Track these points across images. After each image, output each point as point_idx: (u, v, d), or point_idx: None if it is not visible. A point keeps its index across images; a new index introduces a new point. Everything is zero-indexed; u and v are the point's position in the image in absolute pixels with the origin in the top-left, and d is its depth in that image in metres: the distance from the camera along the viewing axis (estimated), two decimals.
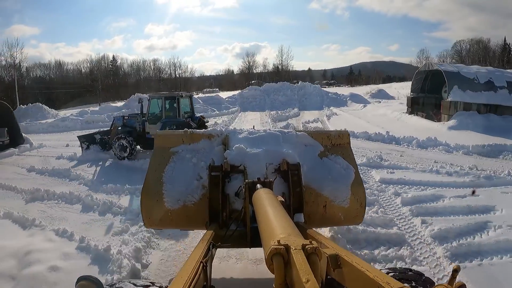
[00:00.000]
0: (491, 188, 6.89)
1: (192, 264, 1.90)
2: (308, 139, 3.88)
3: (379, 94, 36.23)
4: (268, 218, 1.80)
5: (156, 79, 64.87)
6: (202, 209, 3.29)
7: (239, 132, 3.92)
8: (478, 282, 3.60)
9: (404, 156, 9.67)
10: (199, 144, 3.79)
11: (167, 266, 4.05)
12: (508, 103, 17.23)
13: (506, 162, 9.70)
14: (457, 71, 17.31)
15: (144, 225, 3.64)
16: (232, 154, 3.47)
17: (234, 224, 2.86)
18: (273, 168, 3.45)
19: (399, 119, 17.98)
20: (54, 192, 6.36)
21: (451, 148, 10.80)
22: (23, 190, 6.82)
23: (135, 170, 8.35)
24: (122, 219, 5.14)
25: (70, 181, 7.45)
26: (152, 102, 10.16)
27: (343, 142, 3.95)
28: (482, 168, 8.53)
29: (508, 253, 4.28)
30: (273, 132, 3.92)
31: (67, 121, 17.92)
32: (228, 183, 3.33)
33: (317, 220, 3.49)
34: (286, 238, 1.35)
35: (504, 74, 19.79)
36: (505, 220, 5.19)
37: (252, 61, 68.93)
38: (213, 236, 2.58)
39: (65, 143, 12.35)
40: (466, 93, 16.70)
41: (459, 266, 1.47)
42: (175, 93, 10.37)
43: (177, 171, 3.57)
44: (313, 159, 3.75)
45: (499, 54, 56.91)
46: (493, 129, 14.52)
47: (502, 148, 11.00)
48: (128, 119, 10.28)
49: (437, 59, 61.64)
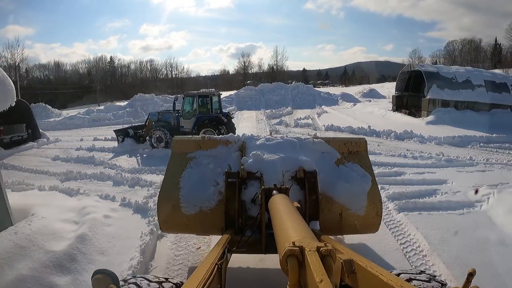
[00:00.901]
0: (449, 168, 8.31)
1: (207, 266, 1.94)
2: (325, 146, 3.89)
3: (370, 94, 37.55)
4: (284, 221, 1.82)
5: (153, 79, 65.96)
6: (218, 215, 3.32)
7: (256, 139, 3.97)
8: (417, 223, 4.96)
9: (381, 146, 11.11)
10: (216, 150, 3.85)
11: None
12: (485, 100, 18.72)
13: (472, 150, 11.13)
14: (437, 71, 18.81)
15: (160, 229, 3.73)
16: (249, 161, 3.50)
17: (249, 230, 2.86)
18: (290, 175, 3.47)
19: (384, 116, 19.43)
20: (85, 173, 7.61)
21: (424, 139, 12.24)
22: (56, 173, 8.03)
23: (161, 158, 9.35)
24: (150, 189, 6.41)
25: (95, 166, 8.68)
26: (186, 100, 11.49)
27: (360, 149, 3.95)
28: (447, 155, 9.94)
29: (447, 209, 5.64)
30: (290, 139, 3.96)
31: (75, 119, 19.09)
32: (244, 189, 3.35)
33: (332, 228, 3.48)
34: (301, 240, 1.36)
35: (482, 73, 21.34)
36: (452, 188, 6.60)
37: (248, 61, 70.48)
38: (228, 241, 2.63)
39: (79, 138, 13.55)
40: (444, 92, 18.19)
41: (474, 269, 1.47)
42: (208, 92, 11.80)
43: (194, 176, 3.62)
44: (330, 166, 3.75)
45: (490, 54, 58.20)
46: (468, 124, 15.92)
47: (471, 139, 12.45)
48: (162, 115, 11.61)
49: (430, 59, 62.74)
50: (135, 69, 66.80)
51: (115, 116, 20.18)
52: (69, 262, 3.52)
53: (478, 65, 52.76)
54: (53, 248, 3.62)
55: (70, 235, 3.97)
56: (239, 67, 71.13)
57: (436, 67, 20.28)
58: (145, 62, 68.31)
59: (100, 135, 13.84)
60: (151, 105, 22.55)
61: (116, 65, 64.43)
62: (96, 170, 8.03)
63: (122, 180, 6.93)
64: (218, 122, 10.73)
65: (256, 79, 60.47)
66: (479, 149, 11.43)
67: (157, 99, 24.16)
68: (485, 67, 48.67)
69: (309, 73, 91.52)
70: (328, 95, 30.85)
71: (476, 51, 58.79)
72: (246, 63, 70.22)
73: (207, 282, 1.75)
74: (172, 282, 2.12)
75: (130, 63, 66.89)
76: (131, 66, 66.29)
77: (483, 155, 10.31)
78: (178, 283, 2.14)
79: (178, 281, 2.18)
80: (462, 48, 60.51)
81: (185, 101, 11.45)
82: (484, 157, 9.96)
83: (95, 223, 4.43)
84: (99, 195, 5.81)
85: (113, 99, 43.58)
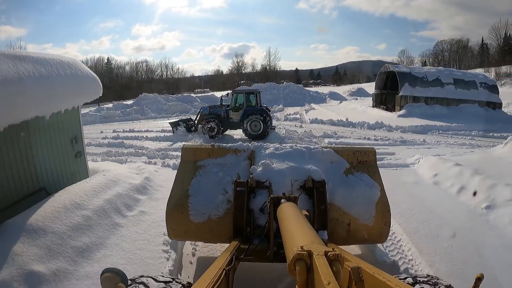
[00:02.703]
0: (401, 146, 10.78)
1: (215, 270, 1.98)
2: (333, 155, 3.90)
3: (358, 92, 40.29)
4: (292, 227, 1.86)
5: (148, 80, 67.83)
6: (227, 224, 3.34)
7: (265, 148, 3.98)
8: None
9: (354, 133, 13.58)
10: (225, 158, 3.88)
11: None
12: (453, 96, 21.38)
13: (429, 136, 13.62)
14: (409, 72, 21.39)
15: (168, 236, 3.71)
16: (258, 170, 3.53)
17: (257, 238, 2.86)
18: (298, 184, 3.48)
19: (364, 112, 21.95)
20: (122, 152, 9.82)
21: (392, 129, 14.73)
22: (94, 153, 10.14)
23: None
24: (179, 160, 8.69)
25: (126, 148, 10.86)
26: (235, 96, 13.81)
27: (369, 159, 3.95)
28: (407, 139, 12.40)
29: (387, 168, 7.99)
30: (299, 148, 3.99)
31: (87, 116, 21.12)
32: (253, 198, 3.36)
33: (340, 238, 3.47)
34: (309, 245, 1.37)
35: (452, 72, 24.07)
36: (396, 157, 9.03)
37: (241, 61, 72.85)
38: (236, 248, 2.65)
39: (99, 131, 15.69)
40: (415, 89, 20.78)
41: (482, 274, 1.49)
42: (253, 89, 14.53)
43: (203, 184, 3.64)
44: (339, 176, 3.75)
45: (477, 53, 59.91)
46: (436, 116, 18.50)
47: (432, 128, 15.00)
48: (213, 109, 13.81)
49: (420, 58, 65.11)
50: (130, 70, 68.75)
51: (123, 113, 22.27)
52: (143, 189, 5.79)
53: (465, 64, 55.27)
54: (131, 182, 5.87)
55: (138, 178, 6.23)
56: (233, 67, 73.49)
57: (409, 67, 22.88)
58: (141, 63, 70.35)
59: (117, 129, 15.97)
60: (155, 104, 24.72)
61: (113, 66, 66.38)
62: (129, 150, 10.26)
63: (154, 156, 9.18)
64: (263, 112, 13.06)
65: (250, 79, 62.76)
66: (436, 135, 13.94)
67: (160, 98, 26.33)
68: (471, 66, 51.14)
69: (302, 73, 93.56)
70: (317, 94, 33.40)
71: (464, 51, 60.65)
72: (240, 63, 72.66)
73: (214, 286, 1.77)
74: (179, 282, 2.18)
75: (125, 64, 68.92)
76: (126, 68, 68.26)
77: (436, 138, 12.82)
78: (185, 283, 2.19)
79: (186, 282, 2.23)
80: (450, 48, 62.34)
81: (234, 97, 13.80)
82: (436, 139, 12.48)
83: (151, 173, 6.69)
84: (143, 162, 8.06)
85: (112, 99, 45.32)
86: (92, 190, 5.04)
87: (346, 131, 14.14)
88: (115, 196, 5.18)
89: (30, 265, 3.44)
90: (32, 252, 3.61)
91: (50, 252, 3.73)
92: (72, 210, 4.42)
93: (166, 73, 70.54)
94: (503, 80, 36.02)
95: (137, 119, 21.00)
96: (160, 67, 70.58)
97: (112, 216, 4.71)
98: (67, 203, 4.50)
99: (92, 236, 4.18)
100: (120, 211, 4.91)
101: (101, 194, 5.06)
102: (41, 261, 3.57)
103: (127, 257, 4.01)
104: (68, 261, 3.71)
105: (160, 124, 17.47)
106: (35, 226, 3.95)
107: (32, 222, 3.99)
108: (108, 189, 5.31)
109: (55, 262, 3.63)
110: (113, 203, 4.96)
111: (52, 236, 3.91)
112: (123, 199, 5.25)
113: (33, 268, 3.42)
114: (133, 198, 5.41)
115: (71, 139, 6.06)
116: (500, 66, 42.59)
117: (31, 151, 4.87)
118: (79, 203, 4.59)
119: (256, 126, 12.88)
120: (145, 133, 14.18)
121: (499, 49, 53.25)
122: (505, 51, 50.08)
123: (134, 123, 18.88)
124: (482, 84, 22.67)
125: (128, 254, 4.06)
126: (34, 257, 3.57)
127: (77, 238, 4.03)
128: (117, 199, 5.10)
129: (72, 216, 4.31)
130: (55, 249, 3.77)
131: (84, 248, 3.95)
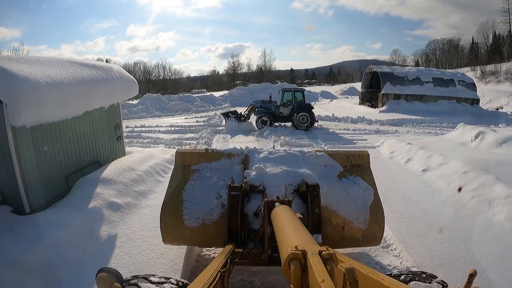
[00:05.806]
0: (375, 135, 12.90)
1: (210, 272, 1.98)
2: (327, 159, 3.92)
3: (350, 91, 42.33)
4: (286, 229, 1.88)
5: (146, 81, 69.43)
6: (221, 228, 3.35)
7: (259, 152, 3.98)
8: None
9: (337, 126, 15.71)
10: (219, 162, 3.88)
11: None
12: (432, 93, 23.61)
13: (403, 127, 15.73)
14: (391, 72, 23.61)
15: (162, 241, 3.67)
16: (252, 174, 3.53)
17: (251, 242, 2.81)
18: (292, 188, 3.48)
19: (351, 108, 24.12)
20: (142, 142, 11.81)
21: (372, 122, 16.86)
22: None
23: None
24: (192, 143, 10.72)
25: (144, 139, 12.79)
26: (285, 93, 15.70)
27: (362, 162, 3.96)
28: (381, 130, 14.50)
29: None
30: (293, 152, 3.99)
31: None
32: (247, 202, 3.37)
33: (335, 241, 3.48)
34: (303, 245, 1.38)
35: (432, 72, 26.34)
36: (367, 142, 11.14)
37: (237, 62, 74.62)
38: (231, 252, 2.66)
39: None
40: (396, 87, 23.00)
41: (475, 270, 1.53)
42: (300, 88, 16.81)
43: (197, 189, 3.65)
44: (332, 179, 3.76)
45: (467, 53, 60.47)
46: (415, 112, 20.64)
47: (406, 121, 17.17)
48: (264, 104, 15.64)
49: (413, 57, 66.63)
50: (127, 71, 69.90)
51: (130, 112, 24.12)
52: (171, 161, 7.80)
53: (456, 64, 56.75)
54: (162, 157, 7.89)
55: (166, 154, 8.24)
56: (229, 67, 75.30)
57: (391, 68, 25.13)
58: (138, 65, 72.00)
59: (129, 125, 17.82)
60: (159, 103, 26.63)
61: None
62: (147, 140, 12.25)
63: (170, 143, 11.19)
64: (310, 107, 14.85)
65: (245, 79, 64.62)
66: (410, 127, 16.09)
67: (163, 98, 28.23)
68: (461, 65, 52.52)
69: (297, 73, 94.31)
70: (309, 93, 35.46)
71: (456, 50, 61.52)
72: (236, 63, 74.53)
73: (209, 287, 1.77)
74: (172, 283, 2.21)
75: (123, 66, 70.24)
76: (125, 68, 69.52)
77: (408, 129, 14.95)
78: (179, 282, 2.24)
79: (179, 280, 2.30)
80: (442, 47, 63.05)
81: (284, 95, 15.66)
82: (408, 130, 14.62)
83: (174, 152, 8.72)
84: (164, 145, 10.08)
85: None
86: (138, 161, 7.07)
87: (330, 124, 16.27)
88: (154, 164, 7.22)
89: (110, 198, 5.43)
90: (109, 192, 5.60)
91: (121, 193, 5.74)
92: (129, 171, 6.44)
93: (163, 74, 72.28)
94: (487, 78, 37.20)
95: (144, 117, 22.87)
96: (157, 68, 72.36)
97: (154, 176, 6.75)
98: (124, 167, 6.52)
99: (145, 186, 6.22)
100: (159, 173, 6.96)
101: (145, 162, 7.10)
102: (117, 197, 5.58)
103: None
104: (134, 198, 5.74)
105: (167, 121, 19.45)
106: (107, 178, 5.95)
107: (104, 176, 5.98)
108: (148, 160, 7.34)
109: (125, 198, 5.64)
110: (154, 168, 7.00)
111: (120, 185, 5.92)
112: (160, 166, 7.28)
113: (113, 200, 5.42)
114: (166, 166, 7.44)
115: (114, 126, 8.05)
116: (485, 65, 43.98)
117: (93, 133, 6.85)
118: (132, 167, 6.62)
119: (303, 119, 14.54)
120: (156, 128, 16.09)
121: (487, 48, 55.06)
122: (493, 50, 51.77)
123: (142, 120, 20.76)
124: (460, 82, 24.98)
125: None
126: (111, 195, 5.56)
127: (136, 186, 6.06)
128: (156, 166, 7.15)
129: (130, 174, 6.34)
130: (123, 191, 5.79)
131: (142, 192, 5.99)
